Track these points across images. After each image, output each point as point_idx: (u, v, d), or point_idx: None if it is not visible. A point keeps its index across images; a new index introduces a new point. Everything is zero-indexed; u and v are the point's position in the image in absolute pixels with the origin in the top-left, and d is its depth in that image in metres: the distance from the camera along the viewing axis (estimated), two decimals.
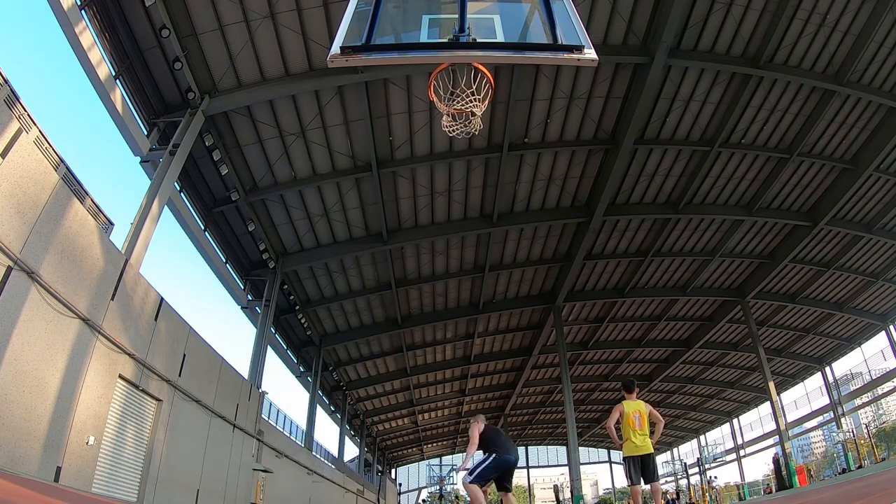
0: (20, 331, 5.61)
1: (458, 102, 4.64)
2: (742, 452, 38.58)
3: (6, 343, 5.40)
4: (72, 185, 6.85)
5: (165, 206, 10.46)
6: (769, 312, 25.61)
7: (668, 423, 42.20)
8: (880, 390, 28.39)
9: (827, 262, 21.64)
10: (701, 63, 13.63)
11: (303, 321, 19.62)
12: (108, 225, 7.98)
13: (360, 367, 26.68)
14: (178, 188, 12.27)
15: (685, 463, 40.49)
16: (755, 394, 33.77)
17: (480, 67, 4.52)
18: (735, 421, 39.34)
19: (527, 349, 27.73)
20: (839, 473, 23.33)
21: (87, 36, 8.75)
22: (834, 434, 31.42)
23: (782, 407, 27.45)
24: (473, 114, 4.71)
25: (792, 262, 21.29)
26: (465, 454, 5.74)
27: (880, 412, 35.54)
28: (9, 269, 5.47)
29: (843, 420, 29.19)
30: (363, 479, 30.36)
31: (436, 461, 45.58)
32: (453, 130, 5.13)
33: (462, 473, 5.63)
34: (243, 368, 14.70)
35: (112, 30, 9.66)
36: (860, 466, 23.04)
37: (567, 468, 37.72)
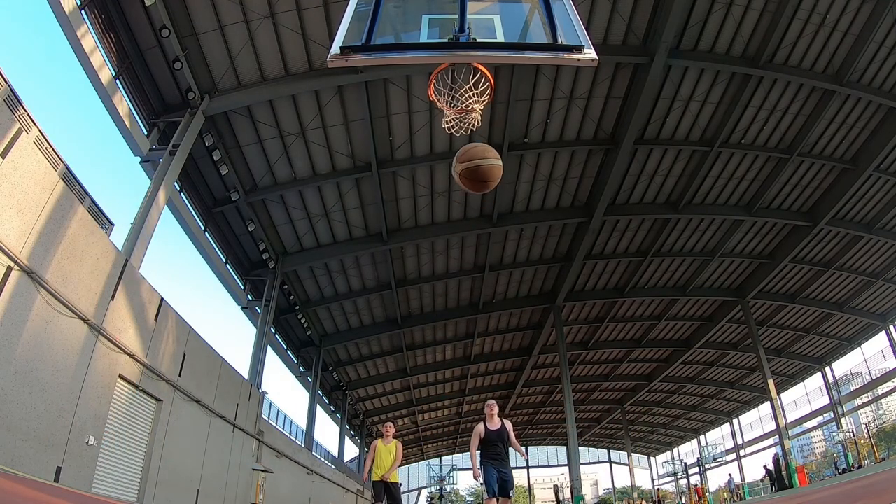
0: (20, 331, 5.61)
1: (459, 102, 4.62)
2: (742, 452, 38.56)
3: (6, 343, 5.40)
4: (72, 185, 6.86)
5: (165, 206, 10.47)
6: (769, 312, 25.61)
7: (668, 423, 42.27)
8: (880, 390, 28.37)
9: (827, 262, 21.64)
10: (701, 63, 13.63)
11: (303, 321, 19.62)
12: (108, 225, 7.98)
13: (360, 367, 26.67)
14: (178, 188, 12.27)
15: (685, 463, 40.41)
16: (755, 394, 33.76)
17: (480, 67, 4.50)
18: (735, 421, 39.31)
19: (527, 349, 27.73)
20: (839, 473, 23.31)
21: (88, 36, 8.76)
22: (834, 434, 31.37)
23: (782, 407, 27.41)
24: (474, 109, 4.68)
25: (792, 262, 21.29)
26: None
27: (880, 412, 35.47)
28: (9, 269, 5.47)
29: (843, 420, 29.18)
30: (363, 479, 30.34)
31: (436, 461, 45.54)
32: (452, 127, 5.12)
33: None
34: (243, 368, 14.72)
35: (112, 30, 9.67)
36: (860, 466, 23.02)
37: (567, 468, 37.69)
